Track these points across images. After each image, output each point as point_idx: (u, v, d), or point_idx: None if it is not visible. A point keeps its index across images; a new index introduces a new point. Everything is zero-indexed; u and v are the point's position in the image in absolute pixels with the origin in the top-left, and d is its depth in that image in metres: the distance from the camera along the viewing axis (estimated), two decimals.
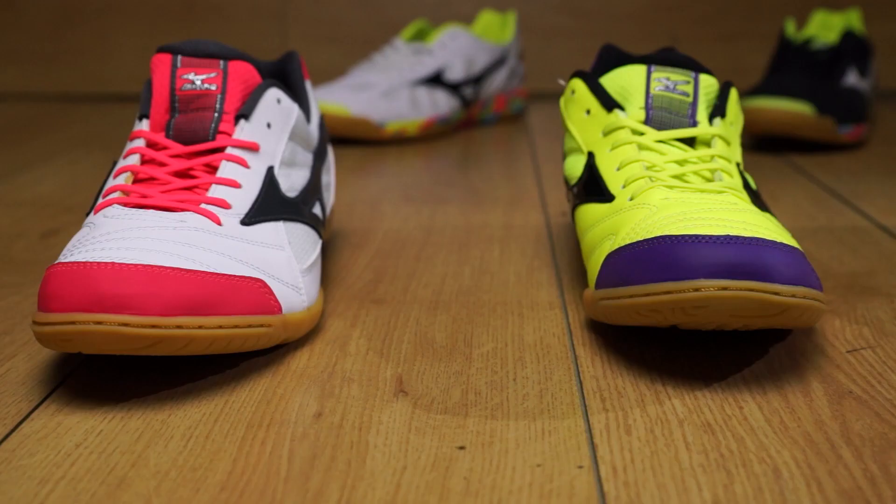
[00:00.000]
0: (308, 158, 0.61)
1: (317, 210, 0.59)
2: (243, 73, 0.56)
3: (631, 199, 0.51)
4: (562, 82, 0.63)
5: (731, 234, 0.45)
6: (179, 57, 0.56)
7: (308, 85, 0.68)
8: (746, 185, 0.54)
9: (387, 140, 1.09)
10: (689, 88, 0.57)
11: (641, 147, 0.54)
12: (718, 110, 0.56)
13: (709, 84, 0.57)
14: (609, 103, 0.57)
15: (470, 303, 0.58)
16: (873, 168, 0.94)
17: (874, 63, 1.13)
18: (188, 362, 0.49)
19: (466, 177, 0.93)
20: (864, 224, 0.74)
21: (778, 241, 0.45)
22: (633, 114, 0.56)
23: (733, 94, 0.58)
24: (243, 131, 0.54)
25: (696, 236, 0.45)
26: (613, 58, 0.64)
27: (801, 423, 0.42)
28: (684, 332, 0.52)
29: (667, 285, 0.44)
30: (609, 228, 0.52)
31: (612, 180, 0.54)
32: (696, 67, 0.58)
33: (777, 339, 0.52)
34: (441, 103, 1.11)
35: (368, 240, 0.71)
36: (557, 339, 0.52)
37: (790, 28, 1.10)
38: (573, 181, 0.58)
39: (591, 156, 0.57)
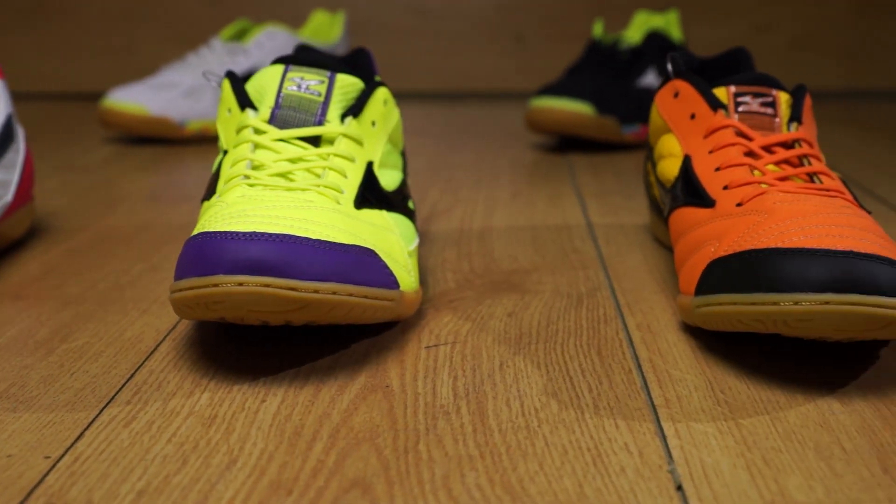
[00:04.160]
0: None
1: None
2: None
3: (219, 197, 0.52)
4: (214, 84, 0.64)
5: (259, 230, 0.46)
6: None
7: (1, 84, 0.69)
8: (369, 184, 0.55)
9: (189, 139, 1.10)
10: (322, 88, 0.58)
11: (258, 146, 0.55)
12: (352, 110, 0.57)
13: (347, 84, 0.58)
14: (244, 103, 0.58)
15: (108, 300, 0.59)
16: (641, 167, 0.95)
17: None
18: None
19: None
20: (576, 223, 0.75)
21: (314, 238, 0.46)
22: (262, 113, 0.57)
23: (378, 93, 0.59)
24: None
25: (225, 233, 0.45)
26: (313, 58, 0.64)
27: (305, 416, 0.43)
28: (291, 327, 0.53)
29: (192, 281, 0.45)
30: (198, 227, 0.53)
31: (223, 177, 0.55)
32: (335, 68, 0.59)
33: (365, 335, 0.52)
34: None
35: (72, 237, 0.72)
36: (158, 333, 0.53)
37: (598, 29, 1.12)
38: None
39: (224, 154, 0.57)
